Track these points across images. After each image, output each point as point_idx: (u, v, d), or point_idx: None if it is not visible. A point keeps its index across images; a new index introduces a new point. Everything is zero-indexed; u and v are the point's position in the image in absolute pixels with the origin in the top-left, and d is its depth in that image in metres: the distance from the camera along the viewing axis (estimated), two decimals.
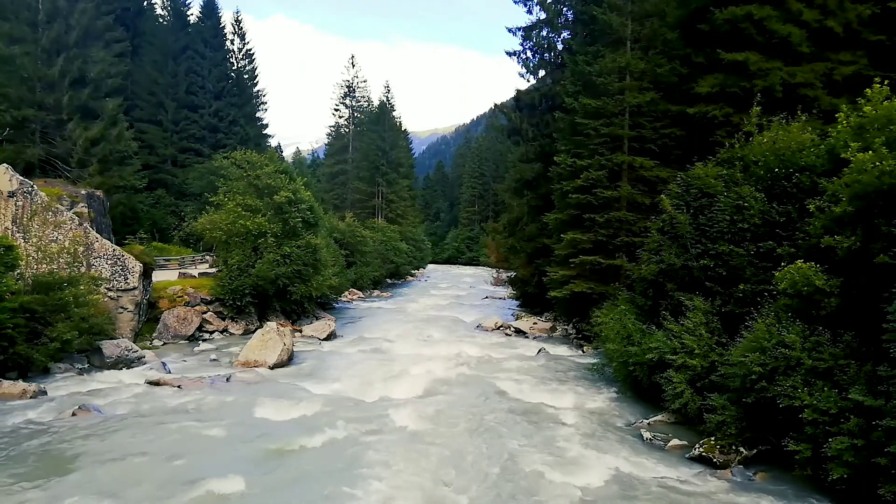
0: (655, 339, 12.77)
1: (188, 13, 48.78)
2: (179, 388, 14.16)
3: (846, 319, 9.34)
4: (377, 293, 44.38)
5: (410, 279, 61.74)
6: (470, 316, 30.86)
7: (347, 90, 70.42)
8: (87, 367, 16.10)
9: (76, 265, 17.79)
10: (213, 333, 22.19)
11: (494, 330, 26.03)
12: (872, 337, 8.64)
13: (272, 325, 18.82)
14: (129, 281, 19.27)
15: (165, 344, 20.29)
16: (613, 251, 20.27)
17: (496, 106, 36.53)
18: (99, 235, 19.73)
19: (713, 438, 10.50)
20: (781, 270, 10.08)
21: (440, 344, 21.95)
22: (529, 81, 31.64)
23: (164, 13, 48.31)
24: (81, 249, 18.40)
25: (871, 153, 9.02)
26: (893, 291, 8.28)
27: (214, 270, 25.69)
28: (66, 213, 19.08)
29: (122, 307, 19.12)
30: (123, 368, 16.15)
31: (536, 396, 14.63)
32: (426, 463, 9.95)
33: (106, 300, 18.55)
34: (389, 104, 69.39)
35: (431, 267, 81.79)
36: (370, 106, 71.05)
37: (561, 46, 29.42)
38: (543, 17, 29.66)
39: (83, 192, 22.85)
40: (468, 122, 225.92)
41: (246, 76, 50.90)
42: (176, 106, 44.08)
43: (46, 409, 12.20)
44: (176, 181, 42.75)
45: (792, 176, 11.78)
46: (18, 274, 15.56)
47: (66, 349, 15.19)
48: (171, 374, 15.84)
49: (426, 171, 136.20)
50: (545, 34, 30.02)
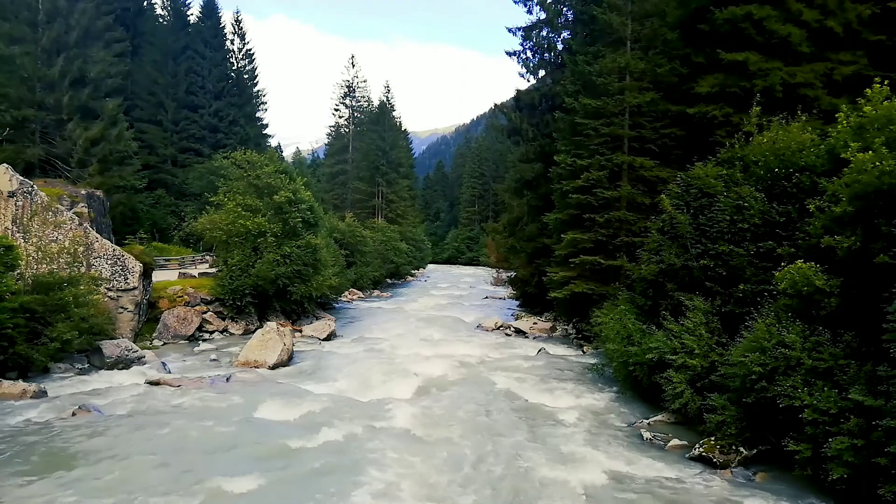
0: (655, 339, 12.77)
1: (188, 13, 48.81)
2: (179, 388, 14.15)
3: (846, 319, 9.34)
4: (377, 293, 44.39)
5: (410, 279, 61.75)
6: (470, 316, 30.86)
7: (347, 90, 70.45)
8: (87, 367, 16.10)
9: (76, 265, 17.79)
10: (213, 333, 22.19)
11: (494, 330, 26.03)
12: (872, 337, 8.63)
13: (272, 325, 18.82)
14: (129, 281, 19.27)
15: (165, 344, 20.29)
16: (613, 251, 20.26)
17: (496, 106, 36.51)
18: (99, 235, 19.73)
19: (713, 438, 10.50)
20: (781, 270, 10.07)
21: (440, 344, 21.96)
22: (529, 81, 31.68)
23: (164, 13, 48.33)
24: (81, 249, 18.40)
25: (871, 153, 9.02)
26: (893, 291, 8.27)
27: (214, 270, 25.69)
28: (66, 213, 19.08)
29: (122, 307, 19.12)
30: (123, 368, 16.14)
31: (536, 396, 14.64)
32: (426, 463, 9.96)
33: (106, 300, 18.55)
34: (389, 104, 69.43)
35: (431, 267, 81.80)
36: (370, 106, 71.07)
37: (561, 46, 29.42)
38: (543, 17, 29.66)
39: (83, 192, 22.86)
40: (468, 122, 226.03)
41: (246, 76, 50.90)
42: (176, 106, 44.10)
43: (46, 409, 12.20)
44: (176, 181, 42.76)
45: (792, 176, 11.78)
46: (18, 274, 15.56)
47: (66, 349, 15.18)
48: (171, 374, 15.84)
49: (426, 171, 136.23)
50: (545, 34, 30.02)
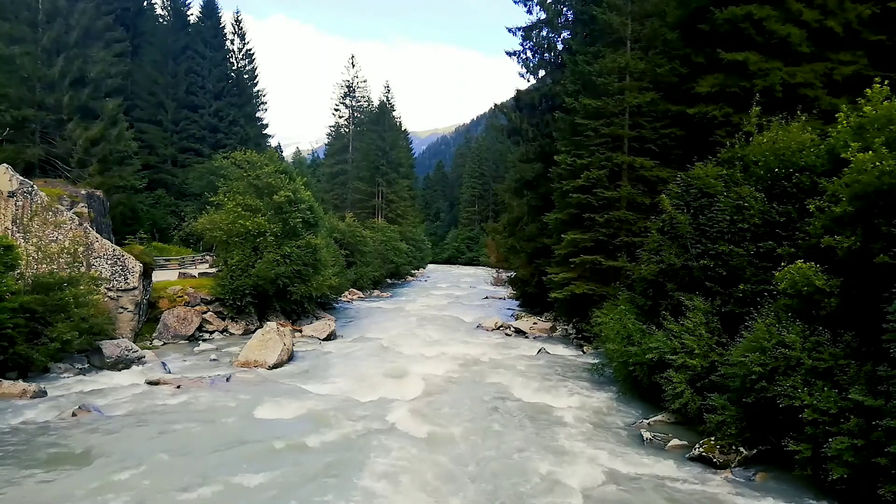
0: (655, 339, 12.77)
1: (188, 13, 48.79)
2: (179, 388, 14.16)
3: (846, 319, 9.34)
4: (377, 293, 44.38)
5: (410, 279, 61.74)
6: (470, 316, 30.85)
7: (347, 90, 70.44)
8: (87, 367, 16.09)
9: (76, 265, 17.78)
10: (213, 333, 22.19)
11: (494, 330, 26.03)
12: (872, 337, 8.63)
13: (272, 325, 18.82)
14: (129, 281, 19.27)
15: (165, 344, 20.29)
16: (614, 251, 20.26)
17: (496, 106, 36.51)
18: (99, 235, 19.73)
19: (713, 438, 10.50)
20: (781, 270, 10.07)
21: (440, 344, 21.95)
22: (529, 81, 31.68)
23: (164, 13, 48.32)
24: (81, 249, 18.39)
25: (871, 153, 9.02)
26: (893, 291, 8.28)
27: (214, 270, 25.69)
28: (66, 213, 19.08)
29: (122, 307, 19.12)
30: (123, 368, 16.13)
31: (536, 396, 14.64)
32: (426, 462, 9.96)
33: (106, 300, 18.55)
34: (389, 104, 69.40)
35: (431, 267, 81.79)
36: (370, 106, 71.05)
37: (561, 46, 29.41)
38: (543, 17, 29.66)
39: (83, 192, 22.86)
40: (468, 122, 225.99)
41: (246, 76, 50.89)
42: (176, 106, 44.10)
43: (46, 409, 12.20)
44: (176, 181, 42.75)
45: (792, 176, 11.78)
46: (18, 274, 15.55)
47: (66, 349, 15.18)
48: (171, 374, 15.84)
49: (426, 171, 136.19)
50: (545, 34, 30.02)
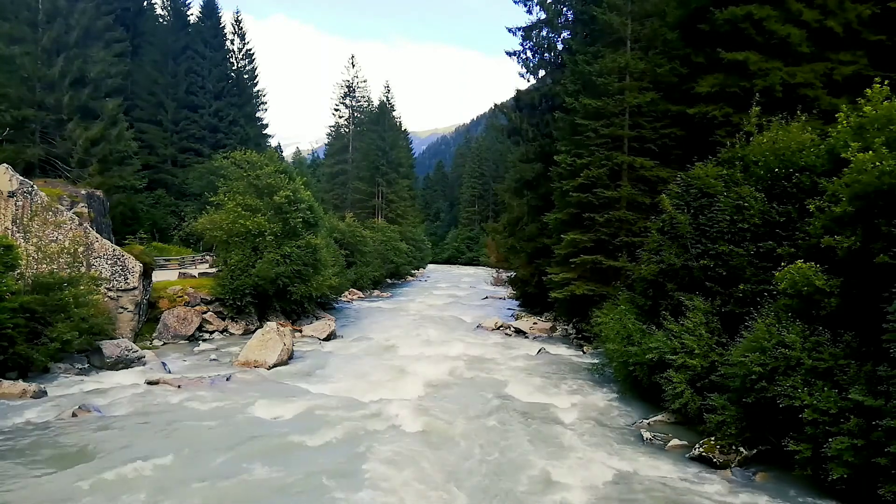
0: (655, 339, 12.77)
1: (188, 13, 48.79)
2: (179, 387, 14.16)
3: (846, 319, 9.34)
4: (377, 293, 44.38)
5: (410, 279, 61.74)
6: (470, 316, 30.86)
7: (347, 90, 70.43)
8: (87, 367, 16.09)
9: (76, 265, 17.77)
10: (213, 333, 22.19)
11: (494, 330, 26.02)
12: (872, 337, 8.64)
13: (272, 325, 18.82)
14: (129, 281, 19.27)
15: (165, 344, 20.29)
16: (614, 251, 20.26)
17: (496, 106, 36.50)
18: (99, 235, 19.73)
19: (713, 438, 10.50)
20: (781, 270, 10.07)
21: (440, 344, 21.95)
22: (529, 81, 31.67)
23: (164, 13, 48.32)
24: (81, 249, 18.38)
25: (871, 153, 9.02)
26: (893, 291, 8.28)
27: (214, 270, 25.69)
28: (66, 213, 19.07)
29: (122, 307, 19.12)
30: (123, 368, 16.14)
31: (536, 396, 14.64)
32: (426, 462, 9.95)
33: (106, 300, 18.55)
34: (389, 104, 69.40)
35: (431, 267, 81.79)
36: (370, 106, 71.04)
37: (561, 46, 29.40)
38: (543, 17, 29.66)
39: (83, 192, 22.85)
40: (468, 122, 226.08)
41: (246, 76, 50.89)
42: (176, 106, 44.10)
43: (46, 409, 12.20)
44: (176, 181, 42.75)
45: (792, 176, 11.78)
46: (18, 274, 15.55)
47: (66, 349, 15.17)
48: (171, 374, 15.84)
49: (426, 171, 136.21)
50: (545, 34, 30.01)
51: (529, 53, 30.29)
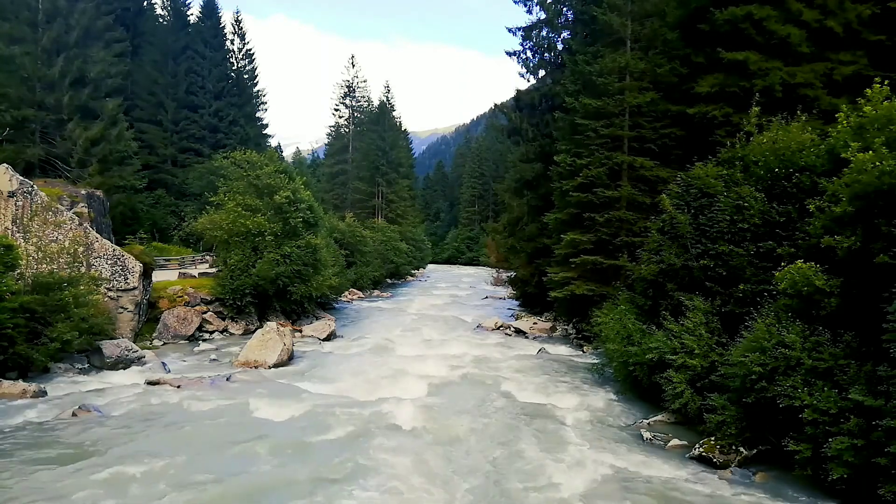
0: (655, 339, 12.77)
1: (188, 13, 48.82)
2: (179, 387, 14.15)
3: (846, 319, 9.34)
4: (377, 293, 44.39)
5: (410, 279, 61.75)
6: (470, 316, 30.86)
7: (347, 90, 70.43)
8: (87, 367, 16.09)
9: (76, 265, 17.77)
10: (213, 333, 22.19)
11: (494, 330, 26.03)
12: (872, 337, 8.63)
13: (272, 325, 18.82)
14: (129, 281, 19.27)
15: (165, 344, 20.29)
16: (614, 251, 20.26)
17: (496, 106, 36.51)
18: (99, 235, 19.72)
19: (713, 438, 10.50)
20: (781, 270, 10.07)
21: (440, 344, 21.96)
22: (529, 81, 31.69)
23: (164, 13, 48.33)
24: (81, 249, 18.38)
25: (871, 153, 9.02)
26: (893, 291, 8.27)
27: (214, 270, 25.69)
28: (66, 213, 19.07)
29: (122, 307, 19.12)
30: (123, 368, 16.13)
31: (536, 396, 14.64)
32: (426, 462, 9.96)
33: (106, 300, 18.55)
34: (389, 104, 69.43)
35: (431, 267, 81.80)
36: (370, 106, 71.05)
37: (561, 46, 29.42)
38: (543, 17, 29.67)
39: (83, 192, 22.85)
40: (468, 122, 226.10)
41: (246, 76, 50.91)
42: (176, 106, 44.10)
43: (46, 409, 12.20)
44: (176, 181, 42.76)
45: (792, 176, 11.78)
46: (18, 274, 15.54)
47: (66, 349, 15.16)
48: (170, 374, 15.84)
49: (426, 171, 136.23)
50: (545, 34, 30.03)
51: (529, 53, 30.32)
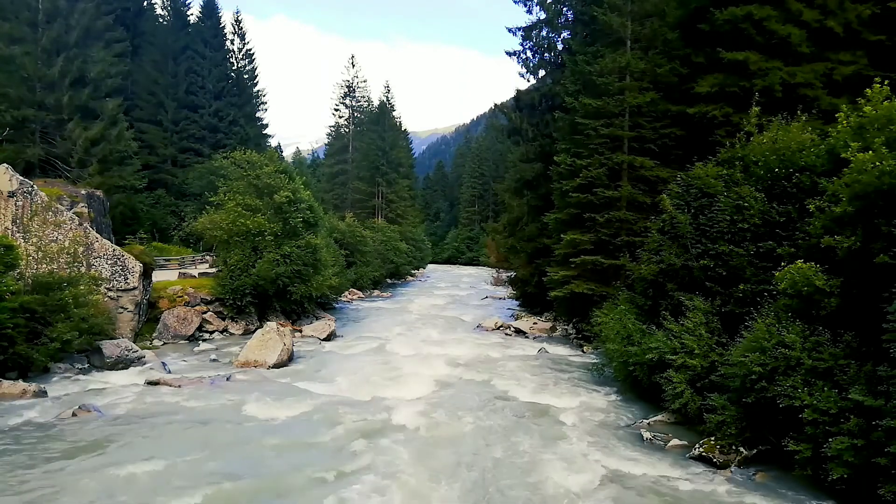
0: (655, 339, 12.77)
1: (188, 13, 48.83)
2: (179, 387, 14.16)
3: (846, 319, 9.33)
4: (377, 293, 44.38)
5: (410, 279, 61.74)
6: (470, 316, 30.87)
7: (347, 90, 70.40)
8: (87, 367, 16.09)
9: (76, 265, 17.78)
10: (213, 333, 22.19)
11: (494, 330, 26.03)
12: (872, 337, 8.63)
13: (272, 325, 18.81)
14: (129, 281, 19.27)
15: (165, 344, 20.29)
16: (614, 251, 20.26)
17: (496, 106, 36.51)
18: (99, 235, 19.73)
19: (713, 438, 10.50)
20: (781, 270, 10.07)
21: (440, 344, 21.96)
22: (529, 81, 31.67)
23: (164, 13, 48.35)
24: (81, 249, 18.38)
25: (871, 153, 9.01)
26: (893, 291, 8.27)
27: (214, 270, 25.68)
28: (66, 213, 19.07)
29: (122, 307, 19.12)
30: (123, 368, 16.13)
31: (536, 396, 14.64)
32: (426, 462, 9.96)
33: (106, 300, 18.55)
34: (389, 104, 69.44)
35: (431, 267, 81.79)
36: (370, 106, 71.04)
37: (561, 46, 29.40)
38: (543, 17, 29.66)
39: (83, 192, 22.86)
40: (468, 122, 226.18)
41: (246, 76, 50.92)
42: (176, 106, 44.11)
43: (46, 409, 12.20)
44: (176, 181, 42.77)
45: (792, 176, 11.77)
46: (18, 274, 15.55)
47: (66, 349, 15.17)
48: (170, 374, 15.84)
49: (426, 171, 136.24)
50: (545, 34, 30.01)
51: (529, 53, 30.30)
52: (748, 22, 16.71)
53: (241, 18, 50.80)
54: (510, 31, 30.42)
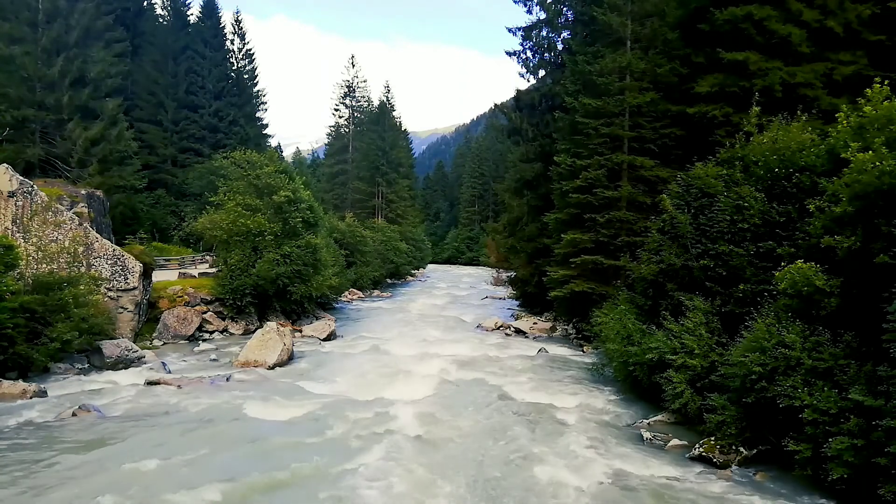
0: (655, 339, 12.76)
1: (188, 13, 48.85)
2: (179, 387, 14.16)
3: (846, 319, 9.33)
4: (377, 293, 44.39)
5: (410, 279, 61.74)
6: (470, 316, 30.86)
7: (347, 90, 70.39)
8: (87, 367, 16.10)
9: (76, 265, 17.78)
10: (213, 333, 22.19)
11: (494, 330, 26.03)
12: (872, 337, 8.63)
13: (272, 325, 18.81)
14: (129, 281, 19.27)
15: (165, 344, 20.29)
16: (614, 251, 20.26)
17: (496, 106, 36.52)
18: (99, 235, 19.73)
19: (713, 438, 10.50)
20: (781, 270, 10.07)
21: (440, 344, 21.95)
22: (529, 81, 31.67)
23: (164, 13, 48.36)
24: (81, 249, 18.39)
25: (871, 153, 9.01)
26: (893, 291, 8.27)
27: (214, 270, 25.68)
28: (66, 213, 19.07)
29: (122, 307, 19.12)
30: (123, 368, 16.14)
31: (536, 396, 14.63)
32: (426, 462, 9.95)
33: (106, 300, 18.55)
34: (389, 104, 69.46)
35: (431, 267, 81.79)
36: (370, 106, 71.05)
37: (561, 46, 29.40)
38: (543, 17, 29.65)
39: (83, 192, 22.85)
40: (468, 122, 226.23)
41: (246, 76, 50.93)
42: (176, 106, 44.12)
43: (46, 409, 12.19)
44: (176, 181, 42.78)
45: (792, 176, 11.77)
46: (18, 274, 15.55)
47: (66, 349, 15.17)
48: (170, 374, 15.84)
49: (426, 171, 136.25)
50: (545, 34, 30.01)
51: (529, 53, 30.30)
52: (748, 22, 16.71)
53: (241, 18, 50.91)
54: (510, 31, 30.45)
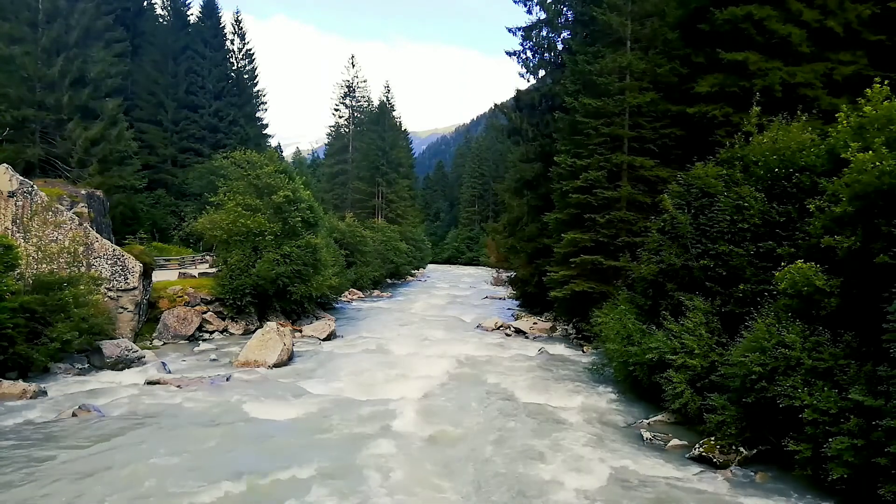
0: (655, 339, 12.77)
1: (188, 13, 48.85)
2: (179, 387, 14.16)
3: (846, 319, 9.34)
4: (377, 293, 44.38)
5: (410, 279, 61.73)
6: (470, 316, 30.86)
7: (347, 90, 70.38)
8: (87, 367, 16.10)
9: (76, 265, 17.78)
10: (213, 333, 22.19)
11: (494, 330, 26.03)
12: (872, 337, 8.63)
13: (272, 325, 18.82)
14: (129, 281, 19.27)
15: (165, 344, 20.29)
16: (614, 251, 20.25)
17: (496, 106, 36.51)
18: (99, 235, 19.73)
19: (713, 438, 10.50)
20: (781, 270, 10.07)
21: (440, 344, 21.95)
22: (529, 81, 31.65)
23: (164, 13, 48.36)
24: (81, 249, 18.39)
25: (871, 153, 9.02)
26: (893, 291, 8.27)
27: (214, 270, 25.68)
28: (66, 213, 19.07)
29: (122, 307, 19.12)
30: (123, 368, 16.14)
31: (536, 396, 14.63)
32: (426, 462, 9.96)
33: (106, 300, 18.55)
34: (389, 104, 69.46)
35: (431, 267, 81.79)
36: (370, 106, 71.05)
37: (561, 46, 29.40)
38: (543, 17, 29.65)
39: (83, 192, 22.85)
40: (468, 122, 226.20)
41: (246, 76, 50.93)
42: (176, 106, 44.12)
43: (46, 409, 12.20)
44: (176, 181, 42.78)
45: (792, 176, 11.78)
46: (18, 274, 15.55)
47: (66, 349, 15.17)
48: (170, 374, 15.84)
49: (426, 171, 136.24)
50: (545, 34, 30.00)
51: (529, 53, 30.29)
52: (748, 22, 16.71)
53: (241, 18, 50.90)
54: (510, 31, 30.44)
